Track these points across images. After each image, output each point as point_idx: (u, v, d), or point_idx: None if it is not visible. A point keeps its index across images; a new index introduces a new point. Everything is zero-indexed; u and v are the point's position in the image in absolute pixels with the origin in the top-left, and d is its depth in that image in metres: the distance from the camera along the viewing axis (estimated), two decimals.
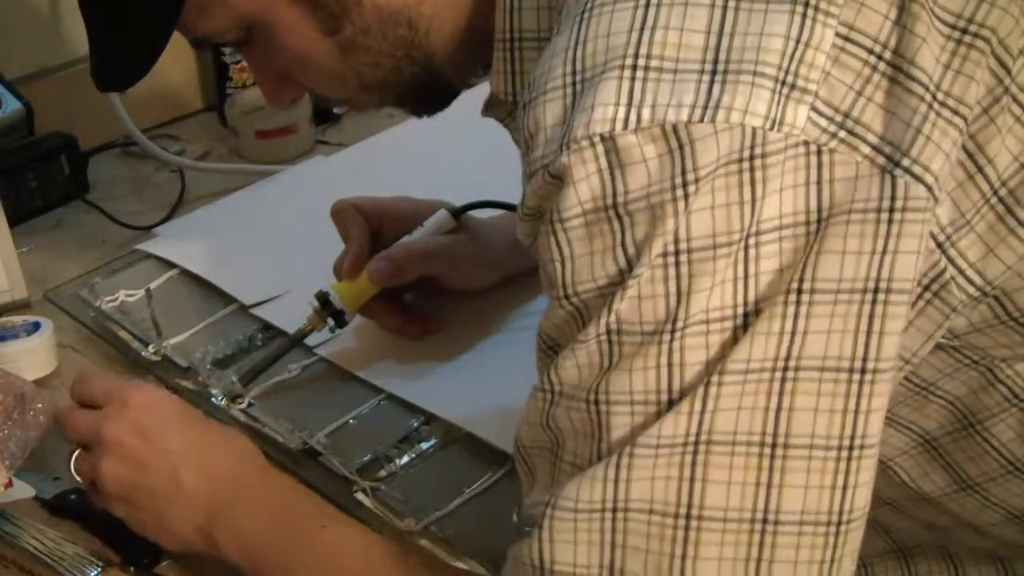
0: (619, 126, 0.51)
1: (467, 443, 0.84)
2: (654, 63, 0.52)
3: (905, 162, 0.51)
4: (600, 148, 0.52)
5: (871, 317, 0.52)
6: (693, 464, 0.53)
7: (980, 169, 0.56)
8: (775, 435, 0.53)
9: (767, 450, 0.53)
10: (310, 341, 0.93)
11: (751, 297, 0.52)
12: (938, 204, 0.53)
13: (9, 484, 0.77)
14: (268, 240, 1.10)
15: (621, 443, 0.54)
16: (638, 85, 0.52)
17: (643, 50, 0.52)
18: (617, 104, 0.51)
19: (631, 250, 0.52)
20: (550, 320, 0.57)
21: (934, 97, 0.52)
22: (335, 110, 1.32)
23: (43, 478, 0.81)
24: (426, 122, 0.80)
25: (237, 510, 0.71)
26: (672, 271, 0.52)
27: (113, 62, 0.71)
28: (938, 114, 0.52)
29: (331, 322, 0.90)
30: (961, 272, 0.57)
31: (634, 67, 0.52)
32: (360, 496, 0.80)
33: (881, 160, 0.51)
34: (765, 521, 0.53)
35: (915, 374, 0.61)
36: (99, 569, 0.75)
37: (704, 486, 0.53)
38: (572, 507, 0.54)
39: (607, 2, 0.54)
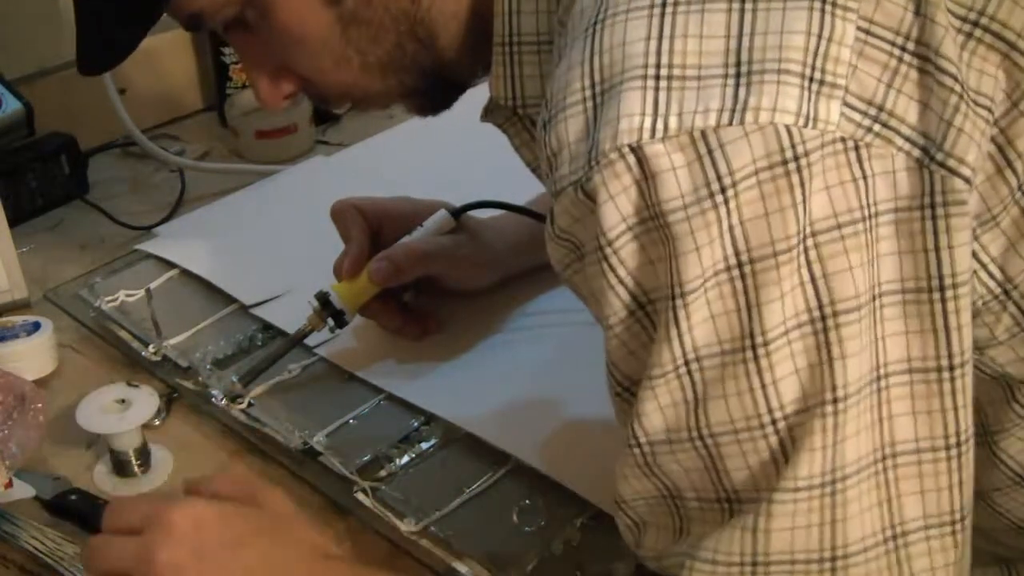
0: (646, 135, 0.51)
1: (467, 443, 0.84)
2: (676, 72, 0.51)
3: (939, 156, 0.51)
4: (632, 159, 0.51)
5: (945, 314, 0.52)
6: (833, 505, 0.52)
7: (1010, 164, 0.55)
8: (882, 447, 0.53)
9: (879, 465, 0.53)
10: (310, 341, 0.93)
11: (824, 299, 0.51)
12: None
13: (9, 484, 0.77)
14: (268, 240, 1.10)
15: (744, 476, 0.53)
16: (663, 95, 0.51)
17: (664, 60, 0.51)
18: (643, 114, 0.51)
19: (678, 260, 0.51)
20: (617, 351, 0.56)
21: (963, 88, 0.52)
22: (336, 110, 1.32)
23: (43, 478, 0.81)
24: (426, 122, 0.80)
25: None
26: (739, 284, 0.51)
27: (101, 39, 0.70)
28: (967, 105, 0.52)
29: (331, 322, 0.90)
30: (983, 266, 0.56)
31: (657, 77, 0.51)
32: (360, 496, 0.80)
33: (916, 153, 0.51)
34: (895, 537, 0.53)
35: None
36: None
37: (846, 525, 0.53)
38: (711, 559, 0.54)
39: (619, 11, 0.53)
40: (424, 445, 0.84)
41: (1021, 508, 0.64)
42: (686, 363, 0.52)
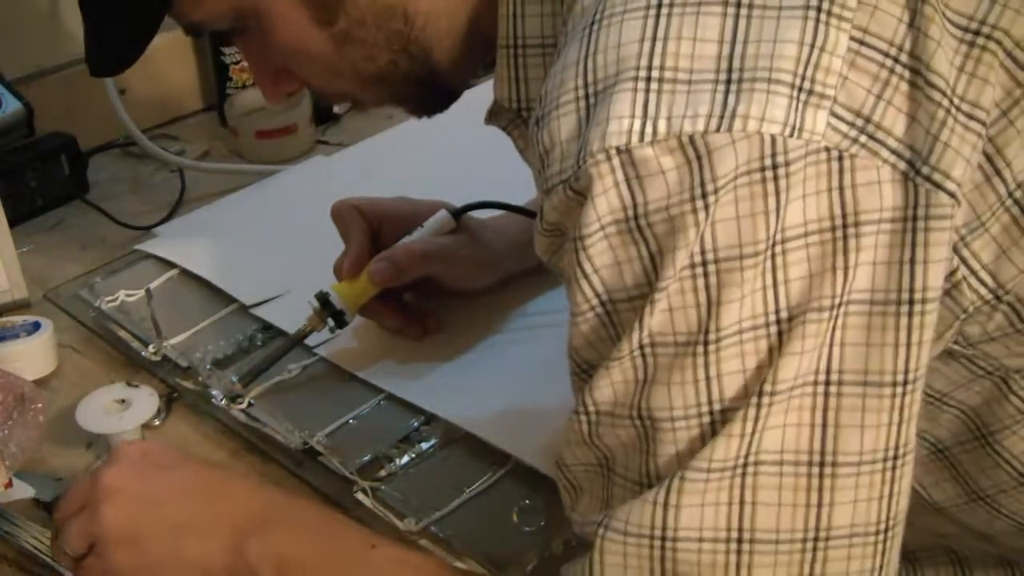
0: (635, 138, 0.51)
1: (467, 443, 0.84)
2: (668, 74, 0.51)
3: (925, 170, 0.51)
4: (616, 161, 0.51)
5: (910, 329, 0.52)
6: (742, 487, 0.53)
7: (998, 172, 0.55)
8: (823, 453, 0.53)
9: (815, 469, 0.53)
10: (310, 341, 0.93)
11: (782, 304, 0.52)
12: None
13: (9, 484, 0.77)
14: (268, 240, 1.10)
15: (669, 460, 0.54)
16: (652, 97, 0.51)
17: (656, 61, 0.51)
18: (632, 116, 0.51)
19: (657, 260, 0.52)
20: (579, 339, 0.57)
21: (951, 102, 0.52)
22: (335, 110, 1.32)
23: (43, 478, 0.81)
24: (426, 122, 0.80)
25: (275, 536, 0.67)
26: (701, 281, 0.51)
27: (106, 46, 0.71)
28: (955, 119, 0.52)
29: (331, 322, 0.90)
30: (974, 273, 0.56)
31: (648, 79, 0.51)
32: (360, 496, 0.80)
33: (902, 166, 0.51)
34: (816, 539, 0.53)
35: (929, 385, 0.60)
36: None
37: (754, 509, 0.53)
38: (622, 529, 0.54)
39: (616, 12, 0.53)
40: (424, 445, 0.84)
41: None
42: (641, 347, 0.53)
